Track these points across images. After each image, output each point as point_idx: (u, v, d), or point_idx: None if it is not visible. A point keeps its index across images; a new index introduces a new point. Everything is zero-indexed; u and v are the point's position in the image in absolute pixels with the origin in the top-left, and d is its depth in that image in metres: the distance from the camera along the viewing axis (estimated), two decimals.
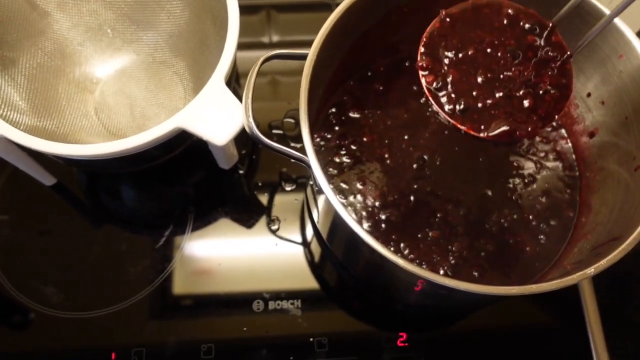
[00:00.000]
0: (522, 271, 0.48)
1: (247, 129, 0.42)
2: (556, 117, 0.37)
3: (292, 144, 0.57)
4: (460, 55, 0.38)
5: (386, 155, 0.52)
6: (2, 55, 0.49)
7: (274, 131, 0.58)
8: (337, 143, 0.52)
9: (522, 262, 0.49)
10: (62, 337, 0.50)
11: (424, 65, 0.38)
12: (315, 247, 0.54)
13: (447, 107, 0.37)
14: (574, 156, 0.52)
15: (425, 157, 0.52)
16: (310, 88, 0.41)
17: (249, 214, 0.55)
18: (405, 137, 0.53)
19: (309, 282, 0.53)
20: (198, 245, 0.53)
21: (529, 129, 0.36)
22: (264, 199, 0.56)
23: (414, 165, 0.51)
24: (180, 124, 0.42)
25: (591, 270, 0.36)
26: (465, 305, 0.52)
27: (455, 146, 0.52)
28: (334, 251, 0.53)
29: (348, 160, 0.52)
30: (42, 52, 0.52)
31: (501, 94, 0.37)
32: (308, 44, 0.66)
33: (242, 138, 0.43)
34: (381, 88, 0.54)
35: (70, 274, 0.52)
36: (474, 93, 0.37)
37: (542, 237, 0.49)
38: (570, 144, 0.52)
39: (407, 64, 0.55)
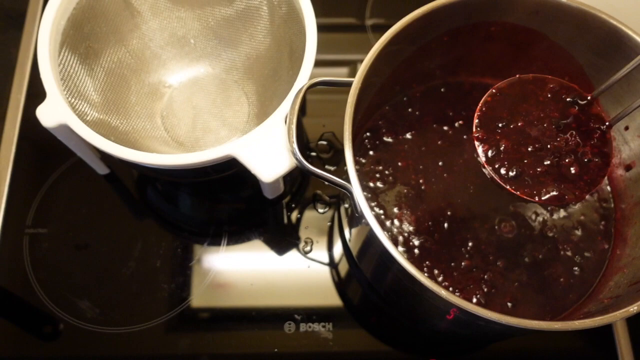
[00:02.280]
0: (556, 302, 0.48)
1: (290, 153, 0.42)
2: (601, 181, 0.40)
3: (327, 166, 0.58)
4: (511, 126, 0.41)
5: (421, 181, 0.52)
6: (87, 46, 0.50)
7: (308, 153, 0.59)
8: (372, 167, 0.53)
9: (555, 293, 0.49)
10: (96, 351, 0.51)
11: (479, 136, 0.41)
12: (347, 270, 0.55)
13: (502, 172, 0.41)
14: (609, 188, 0.52)
15: (459, 184, 0.52)
16: (354, 115, 0.41)
17: (282, 234, 0.56)
18: (440, 163, 0.53)
19: (341, 305, 0.53)
20: (231, 264, 0.54)
21: (576, 193, 0.40)
22: (297, 219, 0.56)
23: (448, 192, 0.52)
24: (232, 152, 0.43)
25: (634, 308, 0.36)
26: (497, 333, 0.52)
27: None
28: (367, 275, 0.53)
29: (382, 185, 0.52)
30: (125, 49, 0.54)
31: (549, 162, 0.40)
32: (342, 63, 0.68)
33: (295, 174, 0.44)
34: (417, 113, 0.55)
35: (105, 288, 0.53)
36: (525, 161, 0.40)
37: (576, 268, 0.49)
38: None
39: (442, 90, 0.56)
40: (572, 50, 0.48)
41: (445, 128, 0.54)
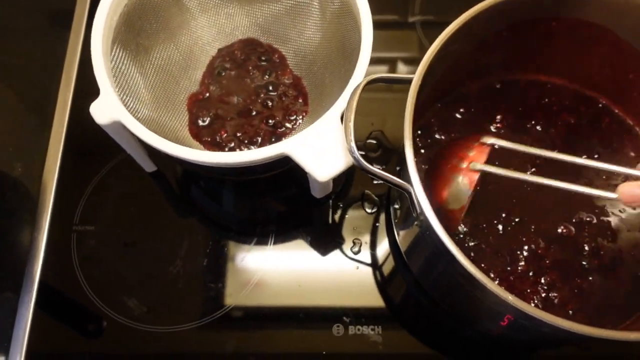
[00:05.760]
0: (617, 309, 0.46)
1: (346, 152, 0.41)
2: None
3: (375, 165, 0.56)
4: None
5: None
6: (137, 43, 0.50)
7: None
8: (423, 167, 0.51)
9: (617, 300, 0.47)
10: (143, 350, 0.50)
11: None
12: (397, 272, 0.53)
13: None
14: None
15: (516, 185, 0.50)
16: (414, 114, 0.40)
17: (329, 234, 0.55)
18: (496, 162, 0.51)
19: (390, 308, 0.52)
20: (278, 264, 0.53)
21: None
22: (345, 219, 0.55)
23: (504, 194, 0.50)
24: (286, 150, 0.42)
25: None
26: (555, 340, 0.50)
27: (547, 175, 0.50)
28: (418, 278, 0.52)
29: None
30: (174, 45, 0.54)
31: None
32: (387, 60, 0.66)
33: (340, 174, 0.43)
34: (472, 110, 0.53)
35: (152, 287, 0.52)
36: None
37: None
38: None
39: (497, 87, 0.54)
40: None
41: (500, 126, 0.53)
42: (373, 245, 0.54)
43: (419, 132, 0.53)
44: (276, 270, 0.53)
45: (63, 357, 0.51)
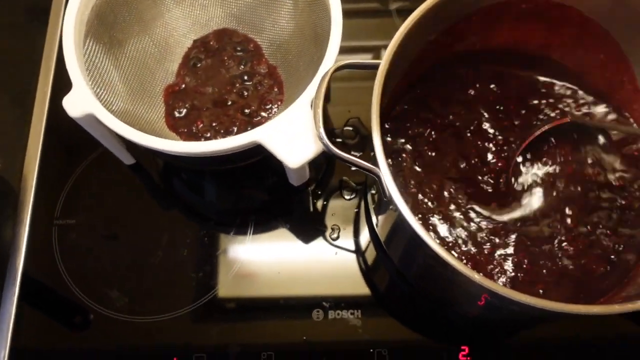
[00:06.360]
0: (590, 288, 0.47)
1: (316, 138, 0.42)
2: None
3: (352, 152, 0.57)
4: None
5: (448, 165, 0.51)
6: (111, 36, 0.50)
7: (333, 139, 0.58)
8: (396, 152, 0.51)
9: (590, 279, 0.47)
10: (125, 340, 0.51)
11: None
12: (375, 257, 0.54)
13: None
14: None
15: (482, 166, 0.51)
16: (381, 100, 0.40)
17: (308, 222, 0.55)
18: (473, 150, 0.52)
19: (369, 292, 0.52)
20: (258, 253, 0.54)
21: None
22: (324, 206, 0.56)
23: (472, 176, 0.50)
24: (257, 138, 0.42)
25: None
26: (530, 319, 0.51)
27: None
28: (395, 261, 0.52)
29: (406, 170, 0.51)
30: (149, 38, 0.54)
31: None
32: (366, 49, 0.67)
33: (319, 161, 0.43)
34: (447, 97, 0.53)
35: (133, 278, 0.53)
36: None
37: (613, 256, 0.47)
38: None
39: (470, 74, 0.54)
40: (608, 26, 0.46)
41: (472, 114, 0.53)
42: (352, 231, 0.55)
43: (393, 119, 0.53)
44: (256, 258, 0.53)
45: (47, 351, 0.51)
